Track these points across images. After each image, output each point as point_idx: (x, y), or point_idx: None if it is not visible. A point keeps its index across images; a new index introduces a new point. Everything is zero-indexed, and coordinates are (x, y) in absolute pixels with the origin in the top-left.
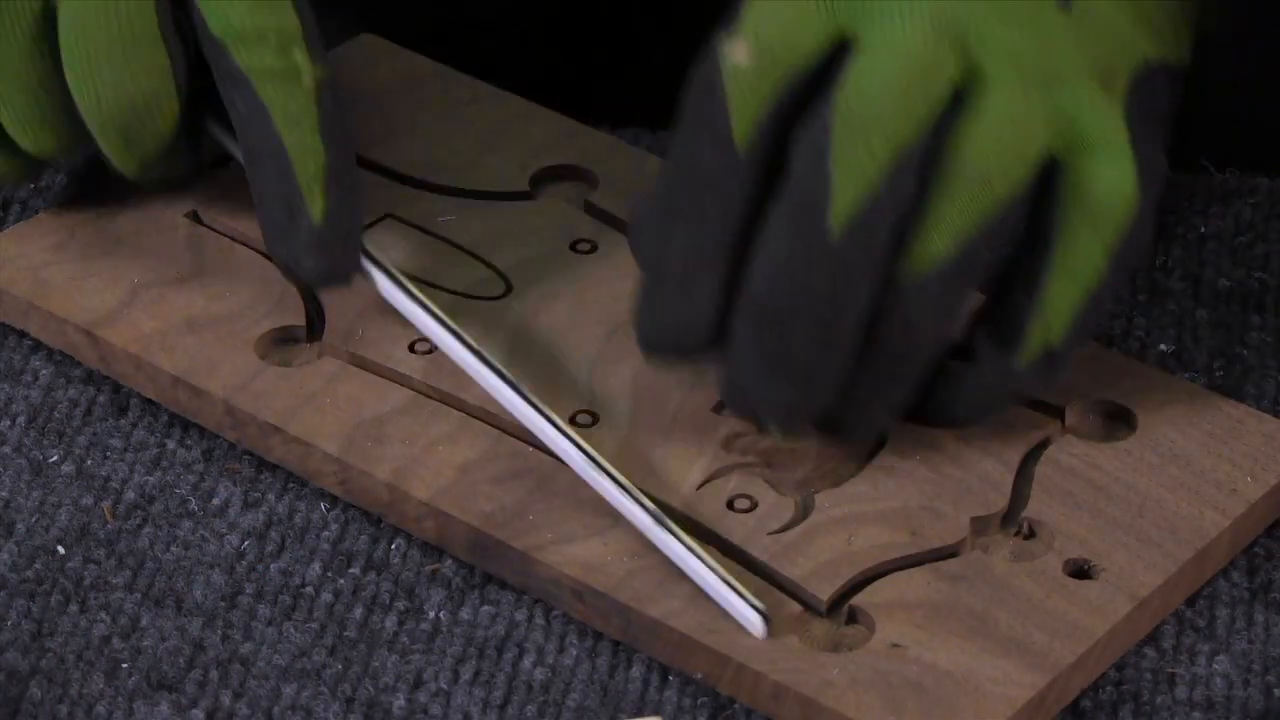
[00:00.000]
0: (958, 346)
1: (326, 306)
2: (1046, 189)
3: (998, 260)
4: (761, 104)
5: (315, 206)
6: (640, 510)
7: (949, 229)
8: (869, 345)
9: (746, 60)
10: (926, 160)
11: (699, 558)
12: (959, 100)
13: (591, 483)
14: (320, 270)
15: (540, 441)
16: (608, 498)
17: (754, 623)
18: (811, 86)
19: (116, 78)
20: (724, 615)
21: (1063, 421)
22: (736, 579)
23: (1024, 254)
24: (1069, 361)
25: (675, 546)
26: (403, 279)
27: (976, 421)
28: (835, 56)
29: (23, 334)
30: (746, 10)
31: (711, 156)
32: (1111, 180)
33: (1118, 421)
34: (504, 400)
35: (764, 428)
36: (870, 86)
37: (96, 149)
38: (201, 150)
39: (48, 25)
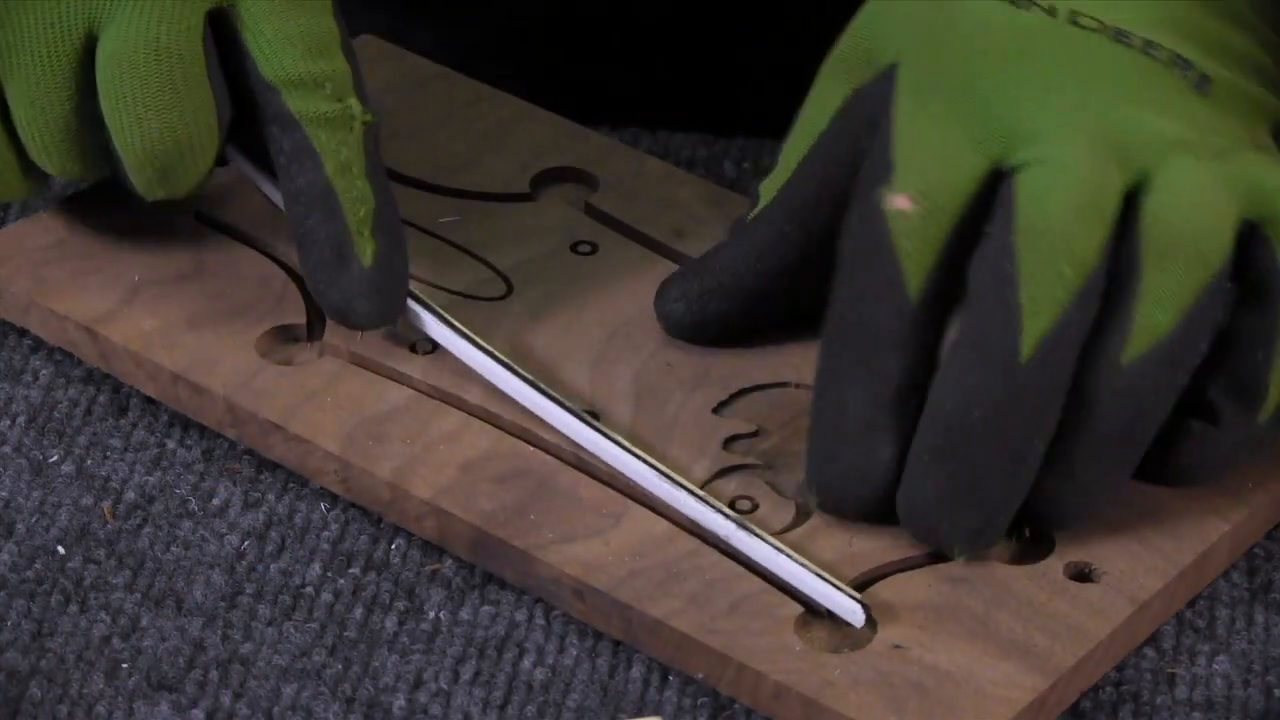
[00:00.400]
0: (1187, 405)
1: None
2: (1252, 252)
3: (1216, 328)
4: (932, 251)
5: (366, 251)
6: (721, 518)
7: (1169, 302)
8: (1089, 431)
9: (911, 209)
10: (1116, 258)
11: (789, 556)
12: (1137, 194)
13: (667, 498)
14: (373, 315)
15: (542, 441)
16: (685, 510)
17: (855, 613)
18: (974, 219)
19: (162, 120)
20: (725, 615)
21: None
22: (743, 582)
23: (1244, 313)
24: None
25: (761, 549)
26: (451, 318)
27: (1214, 479)
28: (991, 186)
29: (23, 333)
30: (896, 157)
31: (886, 309)
32: None
33: None
34: (581, 438)
35: (946, 550)
36: (1052, 205)
37: (119, 173)
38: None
39: (87, 57)
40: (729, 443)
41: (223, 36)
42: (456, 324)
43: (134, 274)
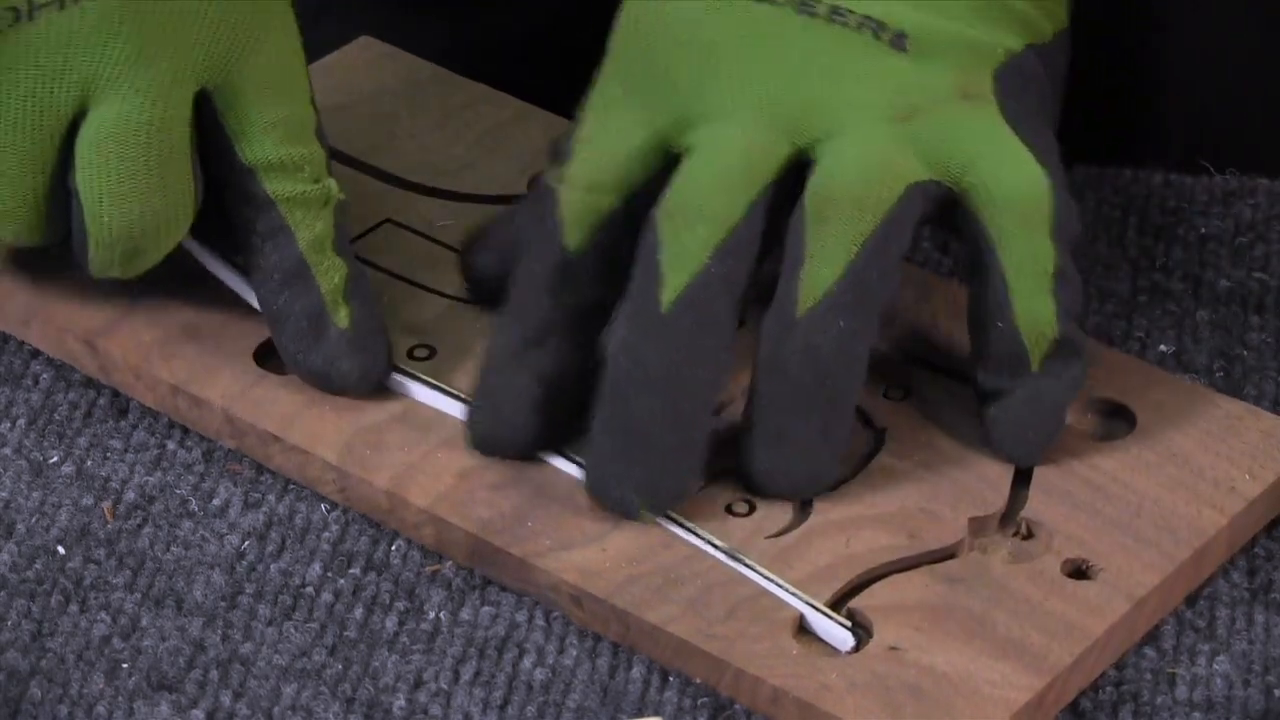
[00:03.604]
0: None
1: None
2: (956, 223)
3: (892, 289)
4: (594, 214)
5: (341, 315)
6: (712, 549)
7: (832, 256)
8: (782, 387)
9: (578, 186)
10: (779, 217)
11: (777, 584)
12: (811, 160)
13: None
14: (356, 371)
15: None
16: (684, 536)
17: (844, 640)
18: (649, 193)
19: (144, 201)
20: (722, 620)
21: None
22: (740, 586)
23: (975, 286)
24: (1083, 345)
25: (754, 576)
26: (440, 384)
27: (1048, 444)
28: (666, 162)
29: (23, 340)
30: (575, 142)
31: (545, 261)
32: (1018, 178)
33: (1116, 420)
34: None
35: (632, 514)
36: (692, 181)
37: (73, 245)
38: None
39: (69, 132)
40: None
41: (201, 115)
42: (442, 385)
43: (132, 286)
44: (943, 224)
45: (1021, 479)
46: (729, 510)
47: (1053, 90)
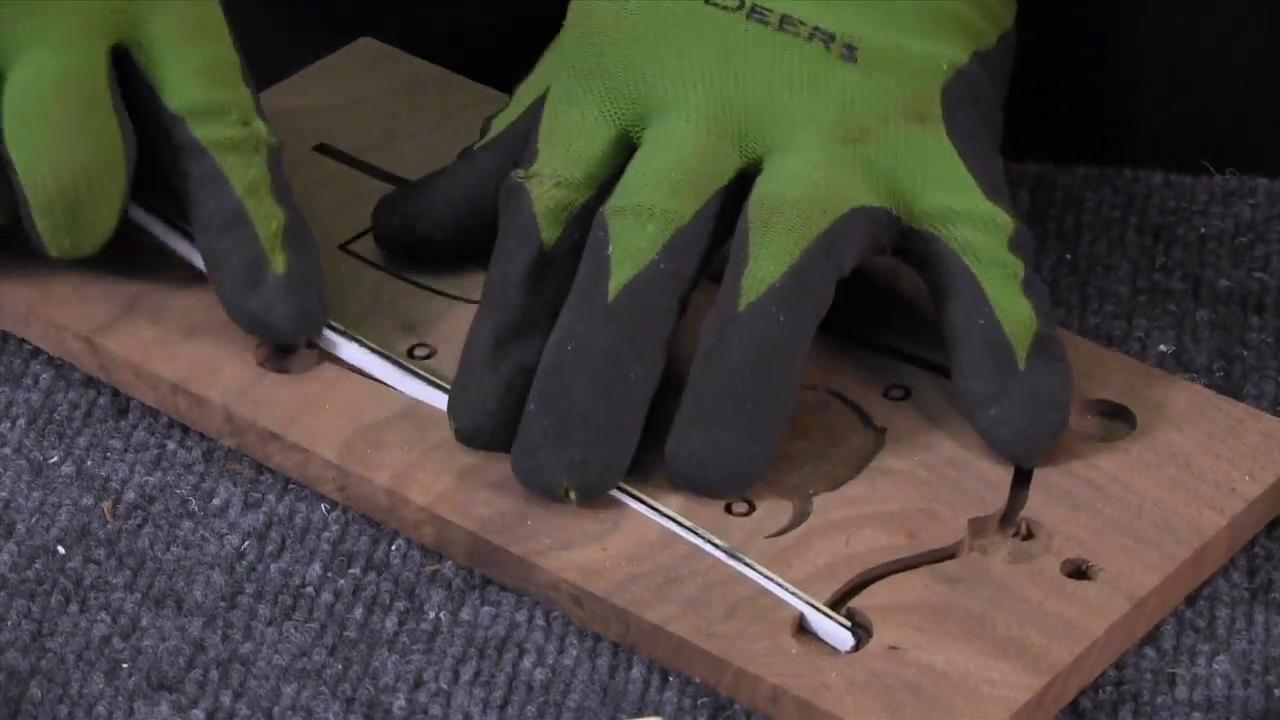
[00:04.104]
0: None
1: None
2: (919, 244)
3: (831, 294)
4: (566, 210)
5: (278, 261)
6: (712, 548)
7: (776, 256)
8: (716, 370)
9: (548, 179)
10: (726, 220)
11: (777, 583)
12: (759, 171)
13: (663, 524)
14: (292, 316)
15: None
16: (682, 534)
17: (844, 640)
18: (613, 182)
19: (71, 150)
20: (722, 619)
21: None
22: (740, 585)
23: (956, 299)
24: (1063, 348)
25: (754, 576)
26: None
27: (1051, 441)
28: (629, 152)
29: (23, 338)
30: (540, 141)
31: (521, 256)
32: (971, 205)
33: (1116, 421)
34: None
35: (561, 496)
36: (641, 181)
37: (16, 227)
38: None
39: None
40: None
41: (124, 73)
42: (442, 384)
43: (132, 284)
44: (899, 255)
45: (1021, 479)
46: (729, 510)
47: (996, 95)
